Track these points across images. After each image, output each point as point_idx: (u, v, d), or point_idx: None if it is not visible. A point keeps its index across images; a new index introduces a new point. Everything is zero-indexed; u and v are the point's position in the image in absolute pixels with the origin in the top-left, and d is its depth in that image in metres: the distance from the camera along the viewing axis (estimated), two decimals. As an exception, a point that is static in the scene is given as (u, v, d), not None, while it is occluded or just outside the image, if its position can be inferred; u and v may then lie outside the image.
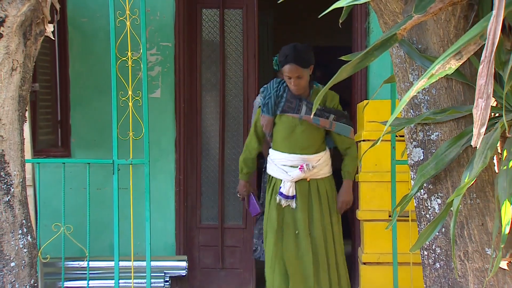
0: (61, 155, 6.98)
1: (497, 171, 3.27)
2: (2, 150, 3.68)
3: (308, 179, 5.19)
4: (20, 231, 3.74)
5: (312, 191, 5.19)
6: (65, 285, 6.00)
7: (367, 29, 6.91)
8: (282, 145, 5.21)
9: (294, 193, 5.14)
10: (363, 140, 6.22)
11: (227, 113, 7.27)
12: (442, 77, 2.88)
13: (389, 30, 3.17)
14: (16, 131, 3.76)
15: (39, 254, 5.41)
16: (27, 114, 4.14)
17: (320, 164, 5.21)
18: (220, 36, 7.26)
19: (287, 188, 5.13)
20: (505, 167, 3.00)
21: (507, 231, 2.94)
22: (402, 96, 3.40)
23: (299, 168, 5.12)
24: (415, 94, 3.08)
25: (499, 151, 3.25)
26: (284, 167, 5.16)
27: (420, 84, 2.76)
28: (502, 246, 2.97)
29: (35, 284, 3.82)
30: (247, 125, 7.08)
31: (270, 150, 5.35)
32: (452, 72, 2.79)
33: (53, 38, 4.27)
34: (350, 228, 7.32)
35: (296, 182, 5.18)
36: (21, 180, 3.78)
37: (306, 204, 5.17)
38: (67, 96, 7.11)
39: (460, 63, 2.80)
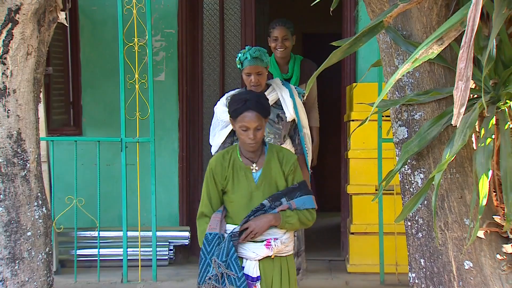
0: (73, 133, 6.97)
1: (475, 148, 3.28)
2: (19, 128, 3.68)
3: (272, 257, 3.83)
4: (35, 203, 3.75)
5: (275, 271, 3.86)
6: (77, 253, 6.02)
7: (356, 17, 6.88)
8: (241, 216, 3.82)
9: (259, 274, 3.81)
10: (352, 120, 6.22)
11: (226, 95, 7.25)
12: (425, 61, 2.87)
13: (376, 17, 3.16)
14: (31, 111, 3.75)
15: (53, 224, 5.42)
16: (41, 95, 4.14)
17: (287, 238, 3.87)
18: (220, 23, 7.23)
19: (251, 268, 3.80)
20: (483, 144, 3.01)
21: (484, 203, 2.95)
22: (388, 79, 3.40)
23: (266, 245, 3.79)
24: (400, 77, 3.07)
25: (477, 129, 3.26)
26: (246, 243, 3.81)
27: (405, 67, 2.76)
28: (479, 217, 2.99)
29: (50, 252, 3.83)
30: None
31: (227, 226, 3.89)
32: (435, 56, 2.79)
33: (66, 25, 4.25)
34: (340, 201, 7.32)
35: (260, 260, 3.82)
36: (36, 156, 3.78)
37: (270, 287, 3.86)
38: (78, 79, 7.09)
39: (442, 48, 2.79)
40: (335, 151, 7.44)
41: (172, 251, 6.63)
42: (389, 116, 3.54)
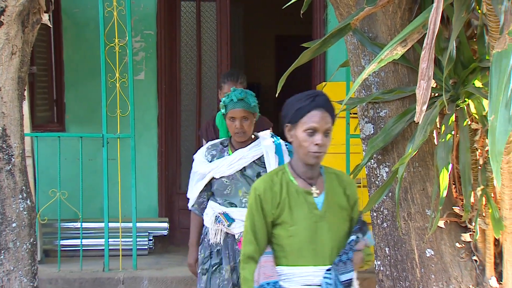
0: (56, 130, 6.91)
1: (436, 143, 3.31)
2: (4, 125, 3.64)
3: None
4: (20, 196, 3.71)
5: None
6: (61, 243, 5.97)
7: (325, 20, 6.90)
8: (305, 253, 2.84)
9: None
10: (322, 117, 6.22)
11: (203, 93, 7.24)
12: (389, 62, 2.89)
13: (344, 20, 3.17)
14: (16, 108, 3.72)
15: (38, 216, 5.37)
16: (26, 93, 4.09)
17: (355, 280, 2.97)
18: (196, 25, 7.21)
19: None
20: (443, 140, 3.03)
21: (444, 195, 2.98)
22: (355, 79, 3.42)
23: None
24: (367, 76, 3.09)
25: (438, 126, 3.28)
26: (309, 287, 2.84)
27: (371, 67, 2.77)
28: (440, 207, 3.02)
29: (34, 242, 3.80)
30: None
31: (280, 269, 2.87)
32: (399, 57, 2.80)
33: (50, 26, 4.21)
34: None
35: None
36: (21, 151, 3.74)
37: None
38: (61, 77, 7.03)
39: (405, 50, 2.81)
40: (305, 146, 7.44)
41: (151, 241, 6.60)
42: (356, 113, 3.55)
